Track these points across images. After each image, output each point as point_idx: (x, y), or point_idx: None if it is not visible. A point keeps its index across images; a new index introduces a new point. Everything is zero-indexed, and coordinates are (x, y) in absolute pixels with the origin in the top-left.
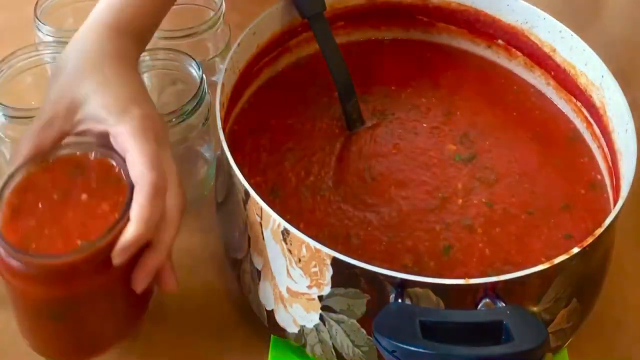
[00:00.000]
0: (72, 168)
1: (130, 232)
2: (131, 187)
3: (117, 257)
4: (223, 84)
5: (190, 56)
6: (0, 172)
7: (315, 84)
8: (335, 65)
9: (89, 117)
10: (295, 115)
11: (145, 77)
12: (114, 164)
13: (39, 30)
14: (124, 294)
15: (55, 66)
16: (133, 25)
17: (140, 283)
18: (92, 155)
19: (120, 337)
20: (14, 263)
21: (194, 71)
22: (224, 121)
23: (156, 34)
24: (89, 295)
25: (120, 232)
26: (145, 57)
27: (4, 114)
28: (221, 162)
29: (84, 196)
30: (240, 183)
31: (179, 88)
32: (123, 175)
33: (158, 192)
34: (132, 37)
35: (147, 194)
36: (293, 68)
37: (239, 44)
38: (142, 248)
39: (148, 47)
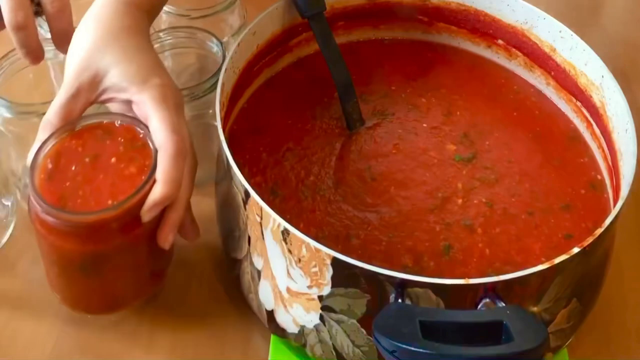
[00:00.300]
0: (100, 134)
1: (158, 191)
2: (155, 151)
3: (147, 215)
4: (223, 84)
5: (212, 34)
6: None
7: (315, 84)
8: (335, 65)
9: (113, 87)
10: (295, 115)
11: (166, 55)
12: (139, 130)
13: (41, 27)
14: (148, 252)
15: (72, 41)
16: (146, 0)
17: (165, 238)
18: (118, 123)
19: (143, 293)
20: (50, 220)
21: (216, 48)
22: (224, 121)
23: (174, 12)
24: (117, 251)
25: (147, 193)
26: (166, 35)
27: (6, 110)
28: (221, 162)
29: (113, 160)
30: (240, 183)
31: (197, 65)
32: (148, 140)
33: (181, 154)
34: (144, 12)
35: (172, 157)
36: (293, 68)
37: (239, 44)
38: (165, 207)
39: (169, 25)
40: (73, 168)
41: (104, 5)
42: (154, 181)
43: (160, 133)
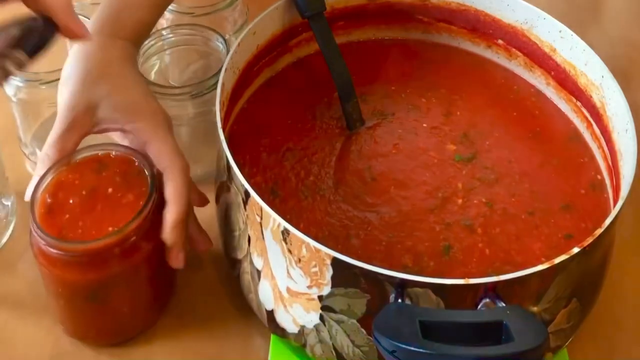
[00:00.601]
0: (96, 166)
1: (175, 210)
2: (153, 177)
3: (170, 237)
4: (223, 84)
5: (216, 31)
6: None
7: (315, 84)
8: (335, 65)
9: (106, 118)
10: (295, 115)
11: (167, 54)
12: (134, 159)
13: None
14: (151, 276)
15: (62, 76)
16: (130, 31)
17: (175, 257)
18: (113, 154)
19: (149, 321)
20: (53, 252)
21: (220, 46)
22: (224, 121)
23: (177, 10)
24: (121, 278)
25: (146, 216)
26: (168, 33)
27: (18, 79)
28: (221, 162)
29: (110, 190)
30: (240, 183)
31: (201, 63)
32: (144, 168)
33: (186, 172)
34: (130, 41)
35: (180, 177)
36: (293, 68)
37: (239, 44)
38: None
39: (172, 23)
40: (71, 201)
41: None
42: (154, 204)
43: (164, 156)
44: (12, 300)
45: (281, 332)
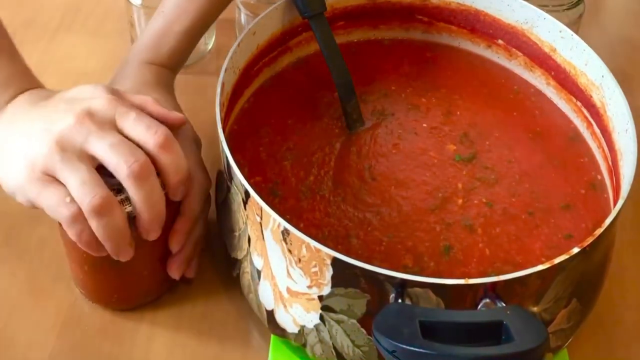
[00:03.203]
0: None
1: (181, 221)
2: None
3: (173, 244)
4: (223, 84)
5: None
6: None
7: (315, 84)
8: (335, 65)
9: None
10: (295, 115)
11: None
12: None
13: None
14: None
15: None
16: (166, 58)
17: (174, 244)
18: None
19: (168, 283)
20: None
21: None
22: (224, 121)
23: None
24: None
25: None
26: None
27: None
28: (221, 162)
29: None
30: (240, 183)
31: None
32: None
33: (205, 188)
34: (167, 68)
35: (198, 192)
36: (293, 68)
37: (239, 44)
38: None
39: None
40: None
41: (128, 66)
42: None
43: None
44: (13, 300)
45: (281, 332)
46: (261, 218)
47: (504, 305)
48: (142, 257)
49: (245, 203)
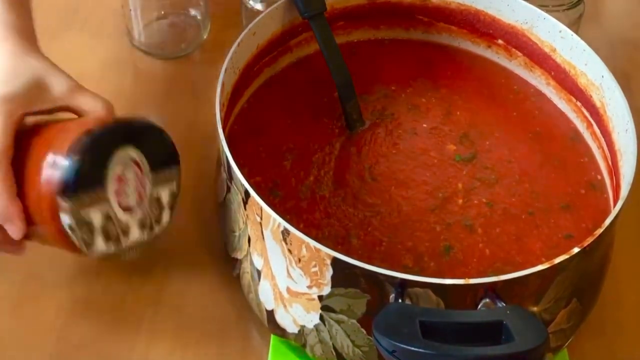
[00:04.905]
0: None
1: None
2: None
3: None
4: (223, 84)
5: None
6: None
7: (315, 84)
8: (335, 65)
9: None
10: (295, 115)
11: None
12: None
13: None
14: None
15: None
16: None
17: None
18: None
19: None
20: None
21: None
22: (224, 121)
23: None
24: None
25: None
26: None
27: None
28: (221, 162)
29: None
30: (240, 183)
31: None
32: None
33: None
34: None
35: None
36: (293, 68)
37: (238, 44)
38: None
39: None
40: None
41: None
42: None
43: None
44: (13, 300)
45: (281, 332)
46: (261, 218)
47: (504, 305)
48: None
49: (245, 203)
